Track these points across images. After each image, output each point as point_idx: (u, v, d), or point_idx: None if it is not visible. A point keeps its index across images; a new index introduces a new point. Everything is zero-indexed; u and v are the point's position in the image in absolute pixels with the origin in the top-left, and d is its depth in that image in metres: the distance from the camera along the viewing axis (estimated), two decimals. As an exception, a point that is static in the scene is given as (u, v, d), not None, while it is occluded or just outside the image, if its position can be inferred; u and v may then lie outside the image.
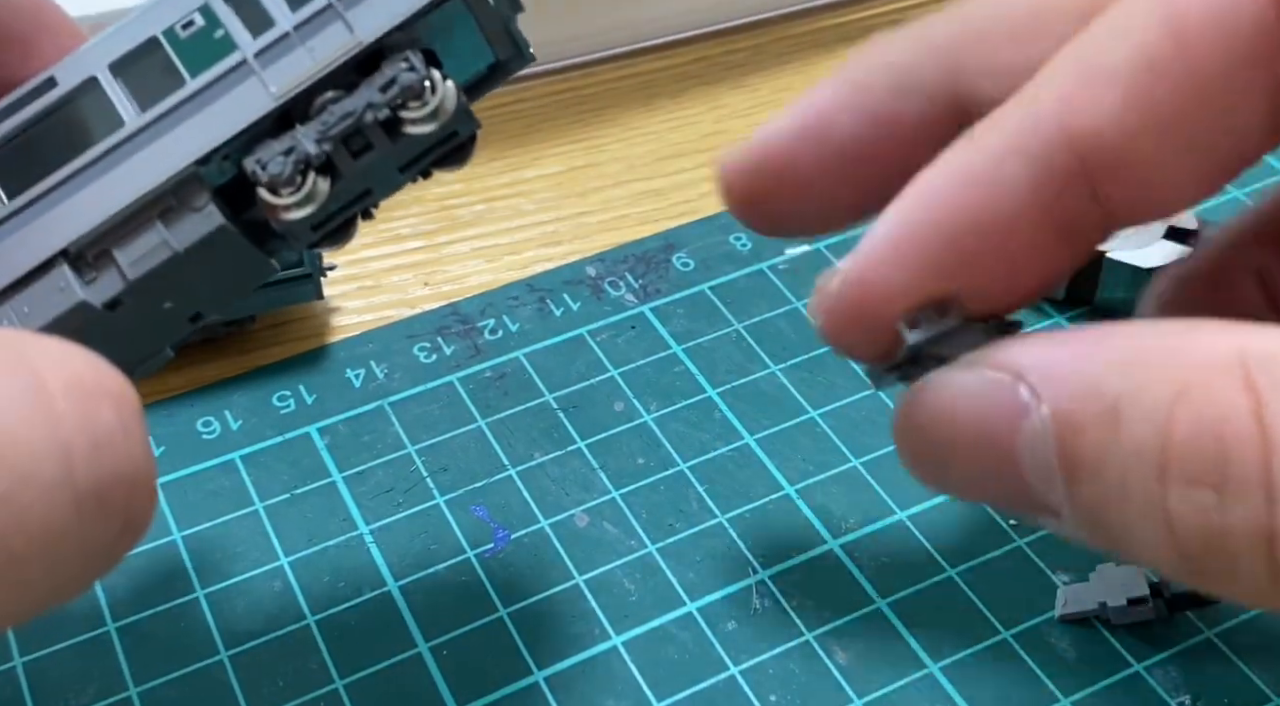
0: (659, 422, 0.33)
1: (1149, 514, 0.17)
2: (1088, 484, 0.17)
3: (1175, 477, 0.16)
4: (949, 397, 0.19)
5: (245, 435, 0.33)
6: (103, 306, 0.22)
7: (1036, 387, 0.18)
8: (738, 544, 0.31)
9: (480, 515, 0.31)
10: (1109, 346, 0.17)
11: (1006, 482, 0.19)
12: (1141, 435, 0.17)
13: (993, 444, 0.19)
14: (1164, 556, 0.17)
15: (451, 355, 0.35)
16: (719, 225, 0.39)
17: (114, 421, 0.17)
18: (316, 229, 0.23)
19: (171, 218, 0.22)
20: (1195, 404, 0.16)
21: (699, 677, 0.28)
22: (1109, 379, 0.17)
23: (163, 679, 0.28)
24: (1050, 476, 0.18)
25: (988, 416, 0.19)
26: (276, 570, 0.30)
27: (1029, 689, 0.28)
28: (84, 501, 0.17)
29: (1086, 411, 0.17)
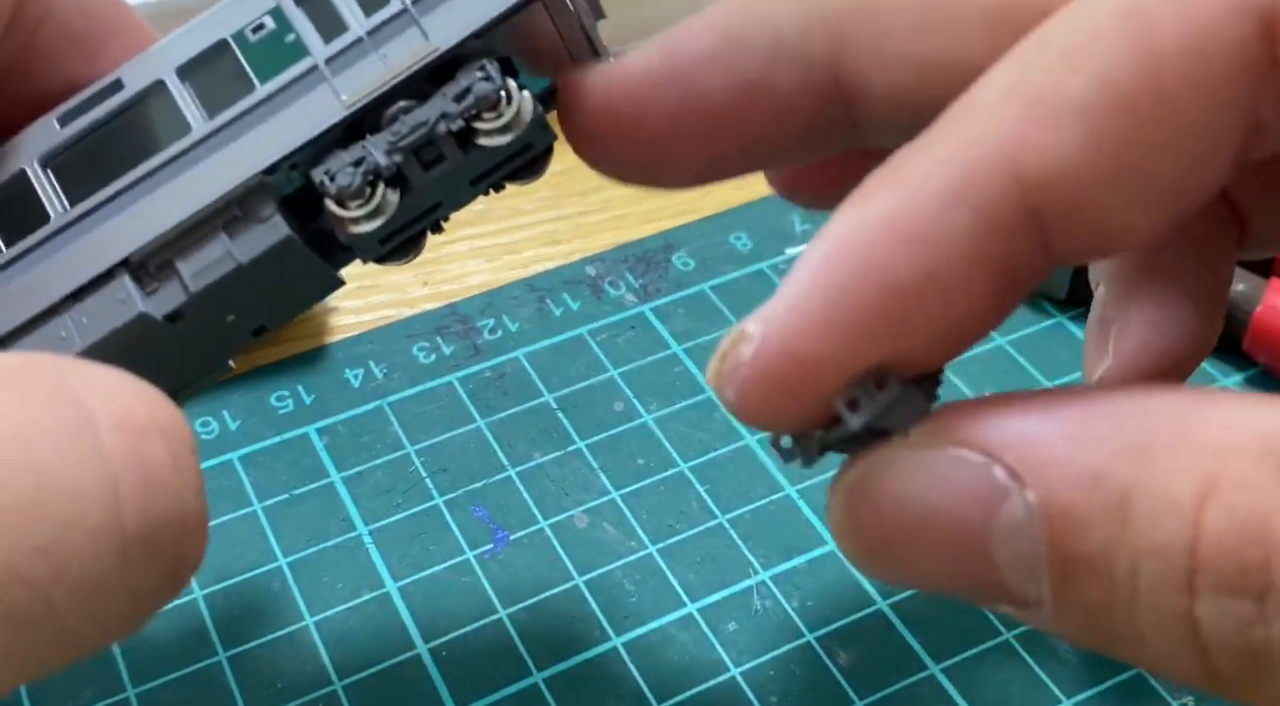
0: (659, 423, 0.33)
1: (1169, 623, 0.15)
2: (1087, 585, 0.15)
3: (1206, 585, 0.14)
4: (907, 482, 0.17)
5: (244, 435, 0.33)
6: (163, 318, 0.21)
7: (1017, 470, 0.16)
8: (738, 544, 0.30)
9: (480, 515, 0.31)
10: (1108, 425, 0.15)
11: (974, 575, 0.16)
12: (1164, 535, 0.14)
13: (961, 534, 0.16)
14: (1185, 669, 0.15)
15: (451, 355, 0.35)
16: (719, 225, 0.39)
17: (165, 458, 0.16)
18: (384, 242, 0.22)
19: (236, 228, 0.21)
20: (1227, 500, 0.14)
21: (699, 679, 0.28)
22: (1116, 467, 0.15)
23: (161, 680, 0.28)
24: (1033, 570, 0.16)
25: (955, 503, 0.16)
26: (275, 571, 0.30)
27: (1031, 690, 0.28)
28: (130, 547, 0.15)
29: (1091, 503, 0.15)
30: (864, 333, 0.17)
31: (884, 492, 0.17)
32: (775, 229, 0.39)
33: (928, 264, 0.16)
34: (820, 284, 0.17)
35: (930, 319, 0.17)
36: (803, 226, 0.39)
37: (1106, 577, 0.15)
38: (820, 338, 0.17)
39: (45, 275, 0.21)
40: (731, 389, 0.17)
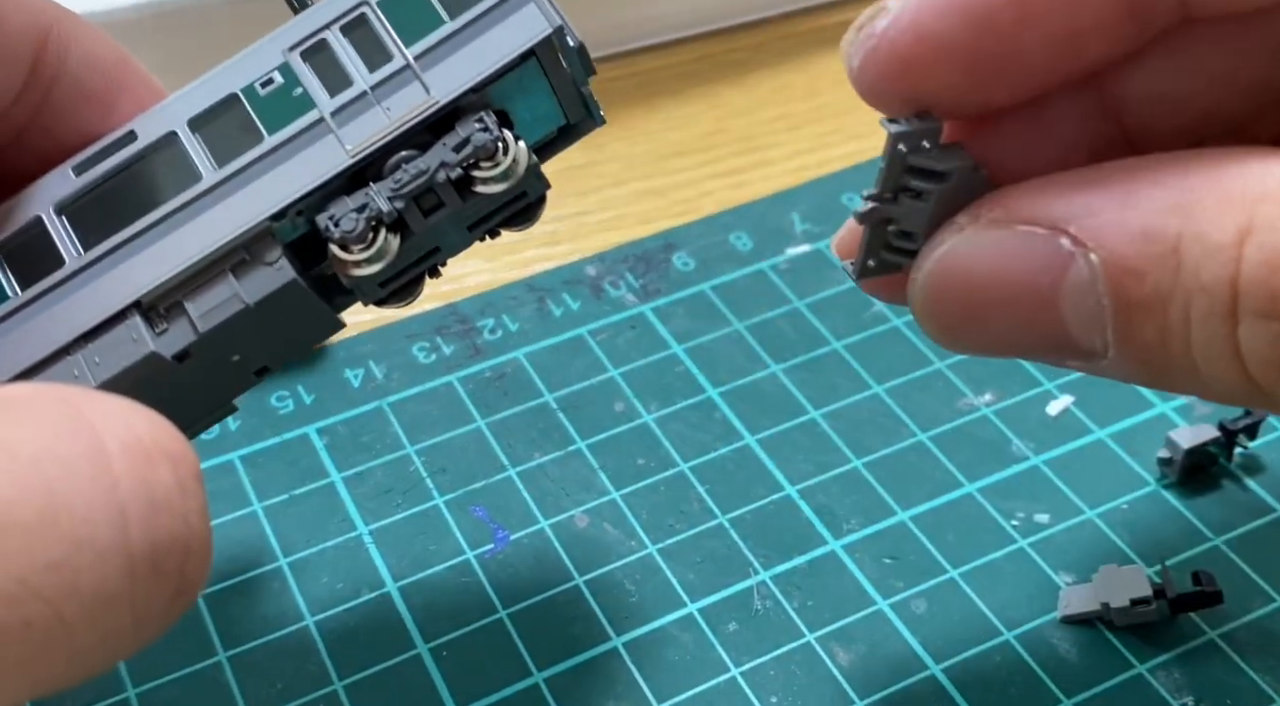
0: (659, 423, 0.33)
1: (1217, 348, 0.17)
2: (1147, 325, 0.18)
3: (1245, 311, 0.17)
4: (983, 259, 0.19)
5: (244, 435, 0.33)
6: (173, 358, 0.22)
7: (1081, 237, 0.18)
8: (738, 544, 0.30)
9: (480, 515, 0.31)
10: (1155, 188, 0.17)
11: (1044, 331, 0.19)
12: (1208, 274, 0.17)
13: (1035, 298, 0.18)
14: (1232, 386, 0.17)
15: (451, 355, 0.35)
16: (719, 225, 0.39)
17: (172, 483, 0.17)
18: (384, 285, 0.23)
19: (243, 271, 0.22)
20: (1262, 239, 0.16)
21: (700, 679, 0.28)
22: (1166, 221, 0.17)
23: (161, 680, 0.28)
24: (1097, 321, 0.18)
25: (1027, 273, 0.18)
26: (275, 571, 0.30)
27: (1031, 690, 0.28)
28: (138, 566, 0.16)
29: (1146, 255, 0.17)
30: (990, 22, 0.18)
31: (963, 270, 0.19)
32: (775, 229, 0.39)
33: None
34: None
35: (1052, 21, 0.18)
36: (802, 226, 0.39)
37: (1162, 317, 0.17)
38: (950, 19, 0.18)
39: (59, 316, 0.22)
40: (858, 57, 0.19)
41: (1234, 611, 0.29)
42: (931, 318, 0.20)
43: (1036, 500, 0.31)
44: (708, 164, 0.42)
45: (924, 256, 0.20)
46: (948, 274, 0.20)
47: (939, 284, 0.20)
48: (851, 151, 0.42)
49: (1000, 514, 0.31)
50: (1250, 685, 0.28)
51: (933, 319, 0.20)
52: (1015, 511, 0.31)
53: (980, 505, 0.31)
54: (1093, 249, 0.18)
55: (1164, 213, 0.17)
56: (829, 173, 0.41)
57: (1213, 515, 0.31)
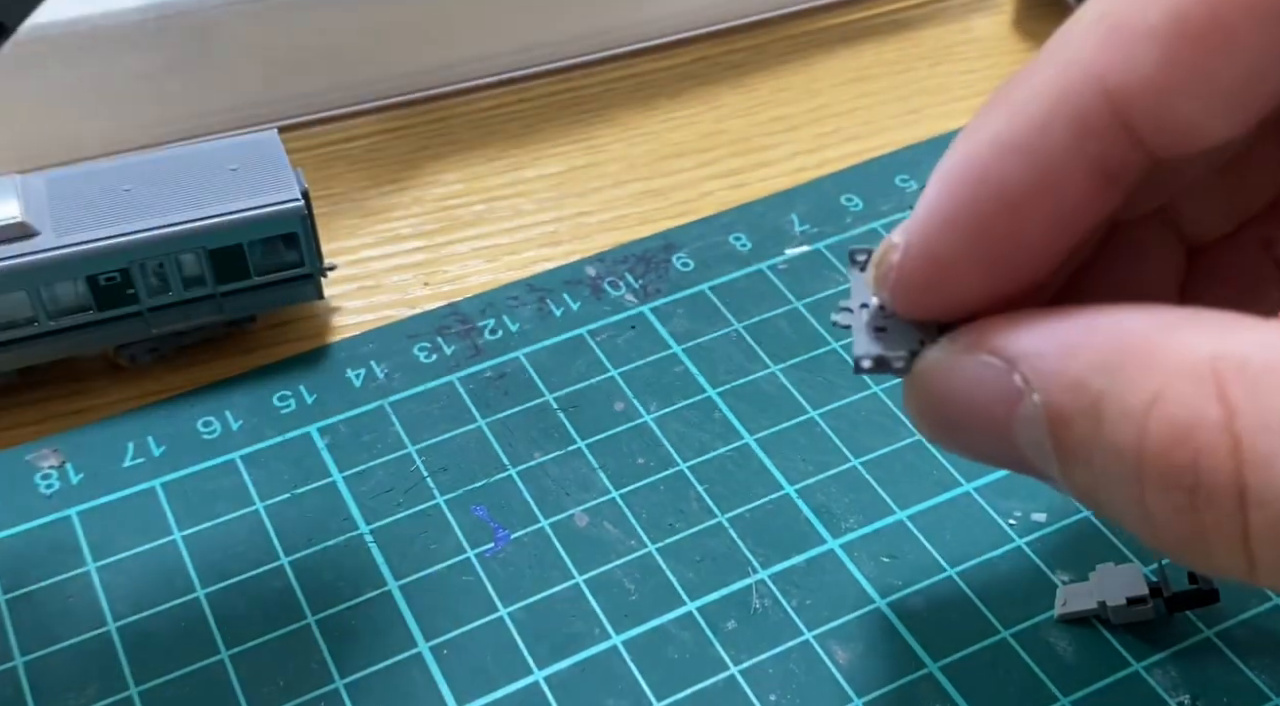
0: (659, 422, 0.33)
1: (1130, 509, 0.18)
2: (1079, 470, 0.18)
3: (1150, 479, 0.17)
4: (950, 380, 0.20)
5: (246, 435, 0.33)
6: None
7: (1028, 377, 0.19)
8: (738, 543, 0.31)
9: (480, 515, 0.31)
10: (1094, 339, 0.18)
11: (1006, 452, 0.20)
12: (1119, 436, 0.17)
13: (992, 423, 0.20)
14: (1149, 541, 0.18)
15: (451, 355, 0.35)
16: (719, 225, 0.39)
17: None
18: None
19: None
20: (1168, 410, 0.17)
21: (699, 677, 0.28)
22: (1092, 377, 0.18)
23: (163, 678, 0.28)
24: (1046, 456, 0.19)
25: (985, 400, 0.20)
26: (277, 569, 0.30)
27: (1029, 688, 0.28)
28: None
29: (1073, 406, 0.18)
30: (986, 230, 0.20)
31: (938, 386, 0.21)
32: (774, 229, 0.39)
33: (1035, 167, 0.19)
34: (947, 192, 0.20)
35: (1040, 213, 0.20)
36: (801, 227, 0.39)
37: (1087, 465, 0.18)
38: (950, 237, 0.20)
39: None
40: (886, 290, 0.21)
41: (1230, 610, 0.29)
42: (915, 421, 0.22)
43: (1034, 499, 0.31)
44: (707, 165, 0.42)
45: (913, 368, 0.22)
46: (926, 386, 0.21)
47: (919, 394, 0.21)
48: (850, 152, 0.42)
49: (998, 513, 0.31)
50: (1246, 683, 0.28)
51: (916, 422, 0.22)
52: (1013, 510, 0.31)
53: (978, 504, 0.31)
54: (1036, 389, 0.19)
55: (1094, 368, 0.18)
56: (828, 173, 0.41)
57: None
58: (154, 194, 0.33)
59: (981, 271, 0.21)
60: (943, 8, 0.49)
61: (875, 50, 0.47)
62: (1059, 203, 0.20)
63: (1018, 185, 0.20)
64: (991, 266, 0.21)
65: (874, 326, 0.22)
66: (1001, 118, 0.20)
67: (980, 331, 0.20)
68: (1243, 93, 0.19)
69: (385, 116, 0.44)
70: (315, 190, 0.40)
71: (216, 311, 0.34)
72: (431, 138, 0.43)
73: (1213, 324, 0.17)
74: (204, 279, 0.34)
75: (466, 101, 0.45)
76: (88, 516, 0.31)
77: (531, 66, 0.46)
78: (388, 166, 0.42)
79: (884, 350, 0.22)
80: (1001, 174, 0.20)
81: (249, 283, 0.34)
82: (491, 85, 0.45)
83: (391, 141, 0.43)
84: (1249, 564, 0.17)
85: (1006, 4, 0.49)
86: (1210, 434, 0.16)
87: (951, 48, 0.47)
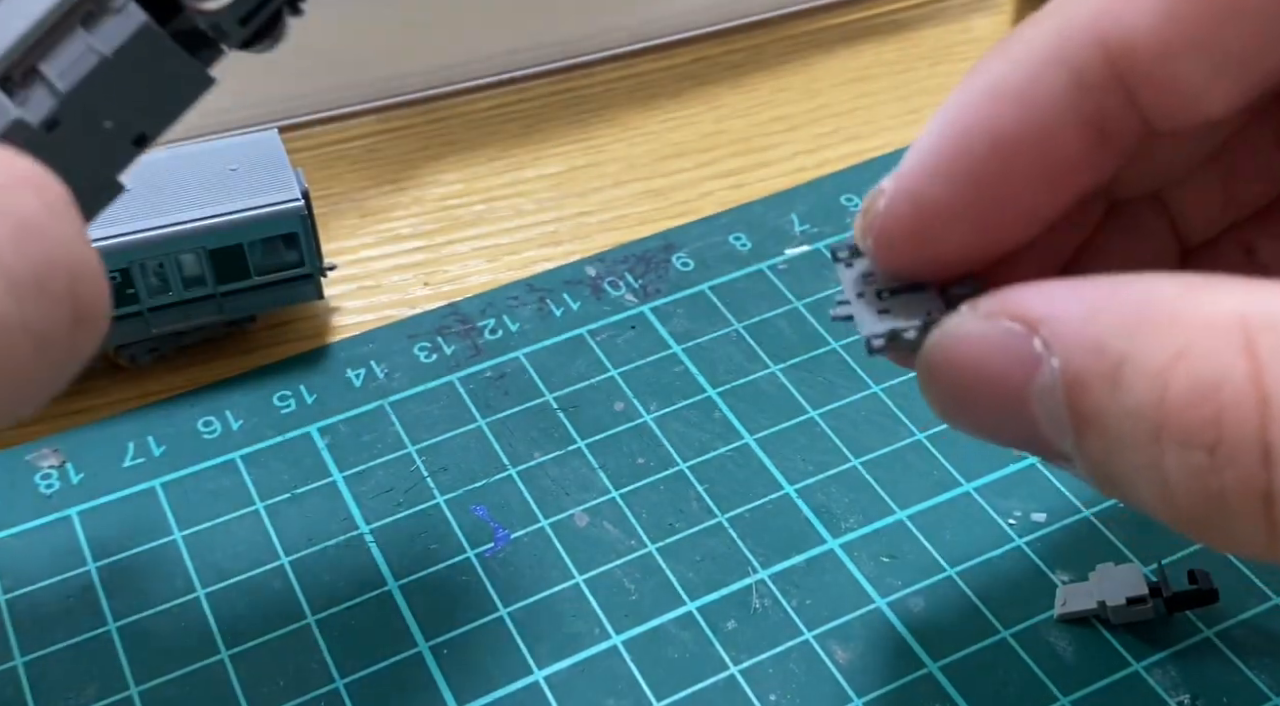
0: (659, 422, 0.33)
1: (1147, 472, 0.17)
2: (1093, 438, 0.18)
3: (1170, 438, 0.16)
4: (967, 346, 0.19)
5: (246, 435, 0.33)
6: (40, 126, 0.21)
7: (1049, 341, 0.18)
8: (737, 543, 0.31)
9: (480, 515, 0.31)
10: (1118, 303, 0.18)
11: (1022, 428, 0.19)
12: (1139, 395, 0.17)
13: (1008, 393, 0.19)
14: (1164, 513, 0.17)
15: (451, 355, 0.35)
16: (718, 225, 0.39)
17: (38, 207, 0.17)
18: (244, 22, 0.22)
19: (94, 23, 0.21)
20: (1192, 365, 0.16)
21: (699, 677, 0.28)
22: (1114, 338, 0.17)
23: (163, 678, 0.28)
24: (1061, 427, 0.18)
25: (1003, 366, 0.19)
26: (277, 569, 0.30)
27: (1028, 688, 0.28)
28: (20, 286, 0.16)
29: (1091, 369, 0.17)
30: (976, 179, 0.20)
31: (953, 354, 0.20)
32: (774, 229, 0.39)
33: (1028, 117, 0.19)
34: (938, 140, 0.20)
35: (1031, 166, 0.19)
36: (801, 227, 0.39)
37: (1102, 433, 0.17)
38: (939, 184, 0.20)
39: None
40: (870, 236, 0.21)
41: (1230, 609, 0.29)
42: (928, 396, 0.21)
43: (1033, 499, 0.31)
44: (707, 165, 0.42)
45: (925, 340, 0.21)
46: (940, 356, 0.20)
47: (933, 364, 0.20)
48: (850, 152, 0.42)
49: (997, 512, 0.31)
50: (1246, 683, 0.28)
51: (929, 397, 0.21)
52: (1012, 510, 0.31)
53: (978, 504, 0.31)
54: (1055, 353, 0.18)
55: (1116, 330, 0.17)
56: (827, 173, 0.41)
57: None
58: (154, 194, 0.33)
59: (969, 222, 0.20)
60: (943, 8, 0.49)
61: (875, 50, 0.47)
62: (1050, 155, 0.19)
63: (1010, 133, 0.19)
64: (979, 217, 0.20)
65: (876, 309, 0.22)
66: (998, 68, 0.20)
67: (1004, 297, 0.19)
68: (1244, 60, 0.18)
69: (385, 116, 0.44)
70: (315, 190, 0.40)
71: (216, 311, 0.34)
72: (431, 138, 0.43)
73: (1239, 285, 0.17)
74: (204, 279, 0.34)
75: (466, 101, 0.45)
76: (88, 516, 0.31)
77: (531, 66, 0.46)
78: (387, 166, 0.42)
79: (893, 324, 0.21)
80: (994, 121, 0.19)
81: (249, 283, 0.34)
82: (491, 85, 0.45)
83: (391, 141, 0.43)
84: (1269, 531, 0.16)
85: (1006, 4, 0.49)
86: (1236, 388, 0.16)
87: (951, 48, 0.47)
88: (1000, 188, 0.20)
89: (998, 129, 0.19)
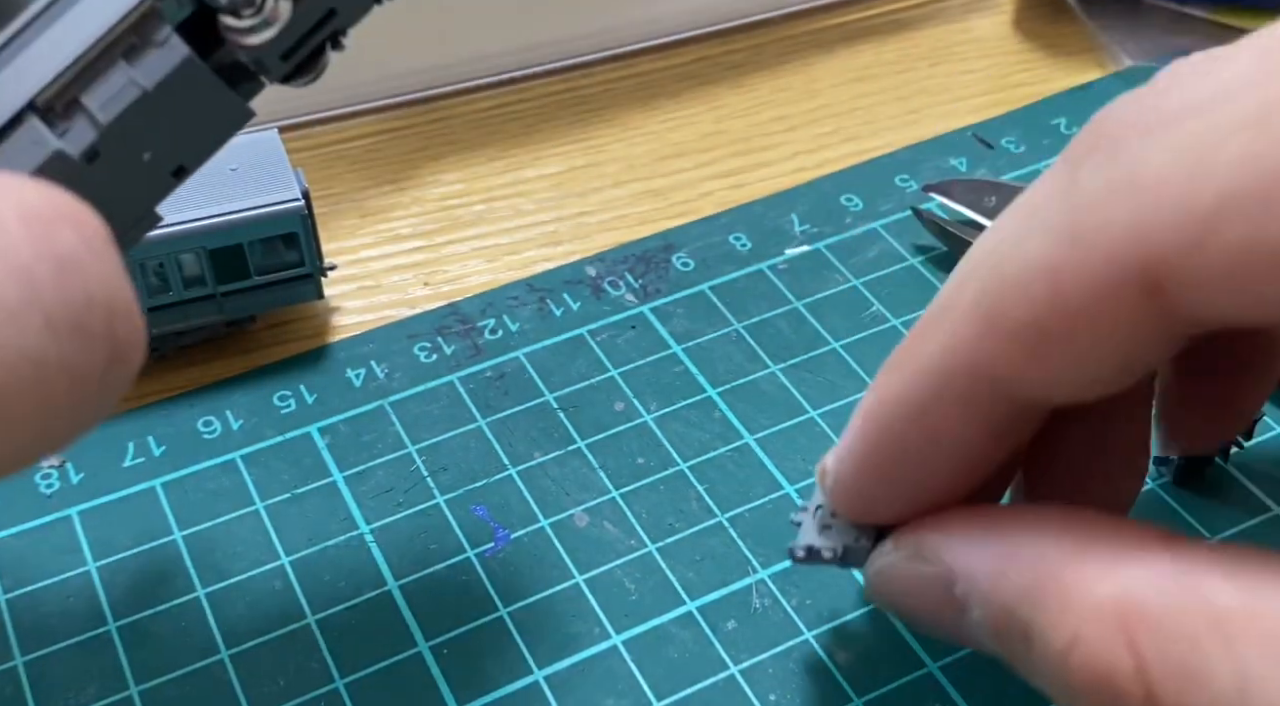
0: (659, 422, 0.33)
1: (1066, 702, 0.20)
2: (1033, 677, 0.20)
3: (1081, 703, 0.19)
4: (901, 585, 0.23)
5: (246, 435, 0.33)
6: (80, 157, 0.21)
7: (966, 595, 0.21)
8: (737, 543, 0.31)
9: (480, 515, 0.31)
10: (1019, 565, 0.20)
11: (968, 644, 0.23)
12: (1049, 668, 0.19)
13: (945, 624, 0.23)
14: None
15: (451, 355, 0.35)
16: (719, 225, 0.39)
17: (77, 243, 0.17)
18: (286, 58, 0.22)
19: (136, 56, 0.21)
20: (1086, 655, 0.18)
21: (699, 677, 0.28)
22: (1019, 606, 0.20)
23: (163, 678, 0.28)
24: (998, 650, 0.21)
25: (936, 605, 0.22)
26: (277, 569, 0.30)
27: (1029, 688, 0.28)
28: (58, 324, 0.16)
29: (1006, 632, 0.20)
30: (895, 476, 0.23)
31: (891, 588, 0.24)
32: (774, 229, 0.39)
33: (930, 433, 0.22)
34: (861, 440, 0.23)
35: (942, 467, 0.22)
36: (801, 227, 0.39)
37: (1028, 675, 0.21)
38: (868, 478, 0.23)
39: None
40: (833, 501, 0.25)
41: (1230, 609, 0.29)
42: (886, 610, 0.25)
43: (1034, 499, 0.31)
44: (707, 165, 0.42)
45: (868, 566, 0.25)
46: (882, 588, 0.24)
47: (878, 594, 0.24)
48: (849, 152, 0.42)
49: (998, 513, 0.31)
50: (1246, 683, 0.28)
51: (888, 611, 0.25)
52: (1013, 510, 0.31)
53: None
54: (975, 607, 0.21)
55: (1020, 597, 0.20)
56: (827, 173, 0.41)
57: (1209, 514, 0.31)
58: None
59: (901, 501, 0.23)
60: (943, 8, 0.49)
61: (875, 50, 0.47)
62: (956, 459, 0.22)
63: (916, 446, 0.22)
64: (909, 498, 0.23)
65: (821, 523, 0.25)
66: (899, 383, 0.22)
67: (918, 539, 0.23)
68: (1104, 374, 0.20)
69: (385, 116, 0.44)
70: (315, 190, 0.40)
71: (216, 311, 0.34)
72: (431, 138, 0.43)
73: (1109, 557, 0.19)
74: (204, 279, 0.34)
75: (466, 101, 0.45)
76: (88, 516, 0.31)
77: (531, 66, 0.46)
78: (387, 166, 0.42)
79: (819, 543, 0.25)
80: (902, 437, 0.22)
81: (249, 283, 0.34)
82: (491, 85, 0.45)
83: (391, 141, 0.43)
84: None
85: (1006, 4, 0.49)
86: (1126, 681, 0.18)
87: (951, 48, 0.47)
88: (919, 480, 0.23)
89: (905, 442, 0.22)
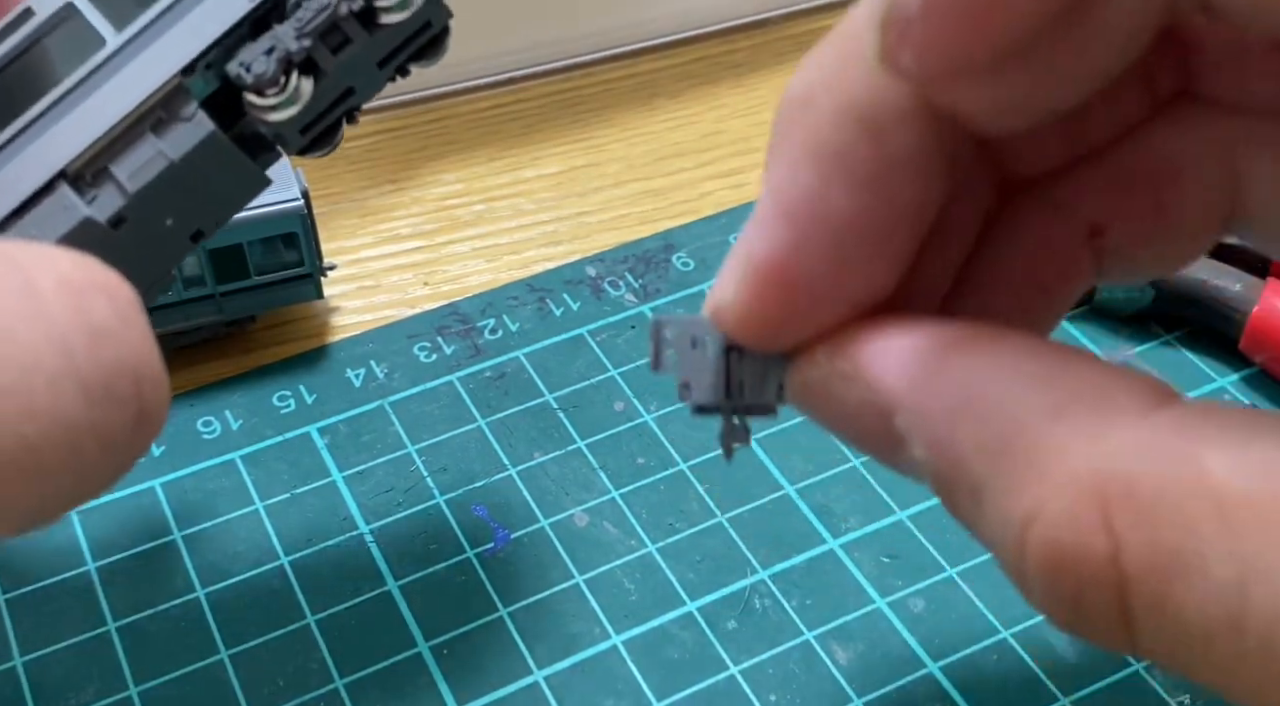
0: (659, 422, 0.33)
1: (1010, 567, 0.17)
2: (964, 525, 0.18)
3: (1033, 584, 0.16)
4: (831, 406, 0.19)
5: (246, 435, 0.33)
6: (107, 223, 0.22)
7: (908, 431, 0.17)
8: (737, 543, 0.31)
9: (480, 515, 0.31)
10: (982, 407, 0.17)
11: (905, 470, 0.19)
12: (1001, 535, 0.17)
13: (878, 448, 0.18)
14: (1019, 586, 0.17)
15: (451, 355, 0.35)
16: (719, 225, 0.39)
17: (109, 312, 0.18)
18: (305, 131, 0.23)
19: (163, 130, 0.23)
20: (1050, 533, 0.16)
21: (699, 677, 0.28)
22: (974, 457, 0.17)
23: (163, 678, 0.28)
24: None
25: (870, 430, 0.18)
26: (277, 569, 0.30)
27: (1029, 688, 0.28)
28: (91, 390, 0.17)
29: (952, 480, 0.17)
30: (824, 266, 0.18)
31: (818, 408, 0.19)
32: (774, 229, 0.39)
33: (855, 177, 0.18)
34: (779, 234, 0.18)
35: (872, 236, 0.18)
36: (802, 227, 0.39)
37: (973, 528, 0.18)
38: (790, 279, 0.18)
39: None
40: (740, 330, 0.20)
41: (1230, 610, 0.29)
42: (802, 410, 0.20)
43: (1034, 499, 0.31)
44: (707, 165, 0.42)
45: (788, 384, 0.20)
46: (805, 405, 0.19)
47: (801, 409, 0.20)
48: (850, 152, 0.42)
49: (998, 513, 0.31)
50: (1246, 683, 0.28)
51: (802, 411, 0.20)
52: (1013, 510, 0.31)
53: (978, 504, 0.31)
54: (918, 445, 0.17)
55: (977, 447, 0.16)
56: (828, 173, 0.41)
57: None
58: None
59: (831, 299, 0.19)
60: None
61: (875, 50, 0.47)
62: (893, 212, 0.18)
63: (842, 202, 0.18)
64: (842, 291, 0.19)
65: (718, 367, 0.21)
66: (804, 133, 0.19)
67: (852, 355, 0.18)
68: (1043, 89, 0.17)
69: (384, 116, 0.44)
70: (315, 190, 0.40)
71: (216, 311, 0.34)
72: (431, 138, 0.43)
73: (1092, 414, 0.16)
74: (204, 279, 0.34)
75: (466, 101, 0.45)
76: (88, 515, 0.31)
77: (531, 66, 0.46)
78: (387, 166, 0.42)
79: (728, 384, 0.21)
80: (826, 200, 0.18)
81: (249, 282, 0.34)
82: (491, 85, 0.45)
83: (390, 142, 0.43)
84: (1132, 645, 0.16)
85: (1006, 4, 0.49)
86: (1094, 568, 0.15)
87: (951, 48, 0.47)
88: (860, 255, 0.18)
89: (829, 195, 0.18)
